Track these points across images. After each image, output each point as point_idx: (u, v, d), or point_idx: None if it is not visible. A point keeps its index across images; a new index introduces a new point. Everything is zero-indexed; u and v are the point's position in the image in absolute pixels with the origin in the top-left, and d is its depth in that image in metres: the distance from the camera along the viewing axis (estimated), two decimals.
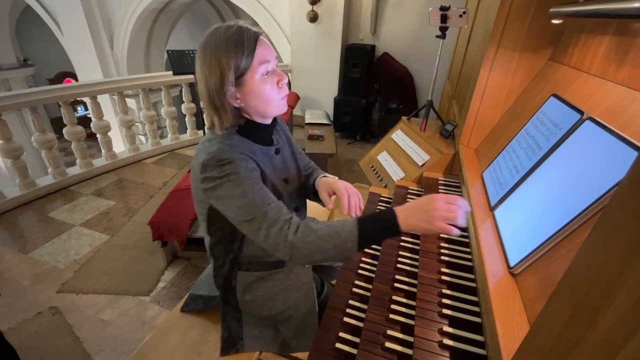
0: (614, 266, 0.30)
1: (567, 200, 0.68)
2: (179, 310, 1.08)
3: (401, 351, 0.77)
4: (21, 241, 2.41)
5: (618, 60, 0.81)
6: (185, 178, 2.62)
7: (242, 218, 0.75)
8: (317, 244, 0.72)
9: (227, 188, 0.74)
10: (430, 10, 1.65)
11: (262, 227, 0.74)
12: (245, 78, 0.76)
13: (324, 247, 0.72)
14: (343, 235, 0.71)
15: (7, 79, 7.20)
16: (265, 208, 0.74)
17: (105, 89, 3.32)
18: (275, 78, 0.80)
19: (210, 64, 0.74)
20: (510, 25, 1.21)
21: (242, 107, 0.80)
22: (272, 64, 0.78)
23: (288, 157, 0.97)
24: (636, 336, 0.26)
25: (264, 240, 0.74)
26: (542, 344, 0.41)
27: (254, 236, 0.76)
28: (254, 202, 0.74)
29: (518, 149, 1.00)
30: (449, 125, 1.68)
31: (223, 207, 0.77)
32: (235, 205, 0.75)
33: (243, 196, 0.74)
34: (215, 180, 0.74)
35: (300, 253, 0.72)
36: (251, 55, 0.74)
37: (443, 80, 3.38)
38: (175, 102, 3.95)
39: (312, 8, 4.08)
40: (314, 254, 0.73)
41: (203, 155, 0.77)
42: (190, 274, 2.14)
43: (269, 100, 0.80)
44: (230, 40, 0.73)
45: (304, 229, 0.73)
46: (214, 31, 0.76)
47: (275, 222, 0.74)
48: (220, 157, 0.75)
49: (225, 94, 0.75)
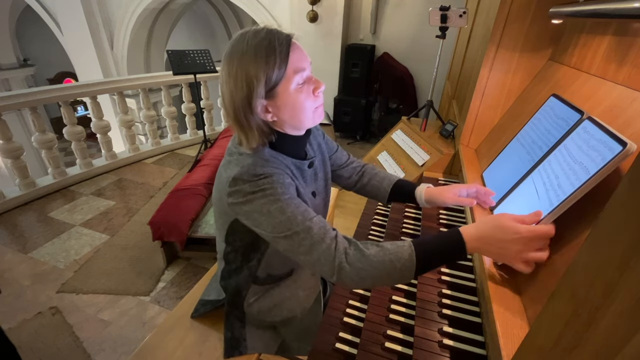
0: (614, 266, 0.30)
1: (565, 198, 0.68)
2: (179, 310, 1.08)
3: (401, 351, 0.77)
4: (21, 241, 2.41)
5: (618, 60, 0.81)
6: (185, 178, 2.62)
7: (280, 234, 0.67)
8: (368, 272, 0.65)
9: (262, 204, 0.67)
10: (430, 10, 1.65)
11: (303, 244, 0.66)
12: (278, 90, 0.67)
13: (377, 275, 0.65)
14: (399, 264, 0.64)
15: (7, 79, 7.20)
16: (308, 223, 0.67)
17: (105, 89, 3.32)
18: (312, 86, 0.71)
19: (236, 77, 0.65)
20: (510, 25, 1.21)
21: (274, 121, 0.72)
22: (307, 72, 0.70)
23: (319, 167, 0.91)
24: (636, 336, 0.26)
25: (305, 256, 0.67)
26: (542, 344, 0.41)
27: (292, 252, 0.68)
28: (294, 217, 0.66)
29: (518, 149, 1.00)
30: (449, 125, 1.68)
31: (255, 222, 0.70)
32: (272, 221, 0.67)
33: (281, 212, 0.66)
34: (247, 195, 0.67)
35: (348, 277, 0.65)
36: (284, 63, 0.65)
37: (443, 80, 3.39)
38: (175, 102, 3.95)
39: (312, 8, 4.08)
40: (365, 281, 0.66)
41: (235, 168, 0.69)
42: (190, 274, 2.14)
43: (304, 111, 0.71)
44: (260, 48, 0.64)
45: (355, 253, 0.66)
46: (240, 38, 0.67)
47: (322, 240, 0.66)
48: (256, 172, 0.68)
49: (253, 110, 0.67)
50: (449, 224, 1.12)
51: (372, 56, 4.29)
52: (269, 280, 0.93)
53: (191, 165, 3.25)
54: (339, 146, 1.07)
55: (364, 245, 0.68)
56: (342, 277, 0.65)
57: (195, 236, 2.11)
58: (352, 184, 1.06)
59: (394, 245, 0.67)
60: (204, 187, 2.46)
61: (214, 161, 2.87)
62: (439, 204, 0.93)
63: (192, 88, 3.63)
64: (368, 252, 0.66)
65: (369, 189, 1.04)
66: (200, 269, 2.19)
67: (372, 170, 1.05)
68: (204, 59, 3.22)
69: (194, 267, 2.20)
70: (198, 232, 2.12)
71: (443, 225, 1.11)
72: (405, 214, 1.26)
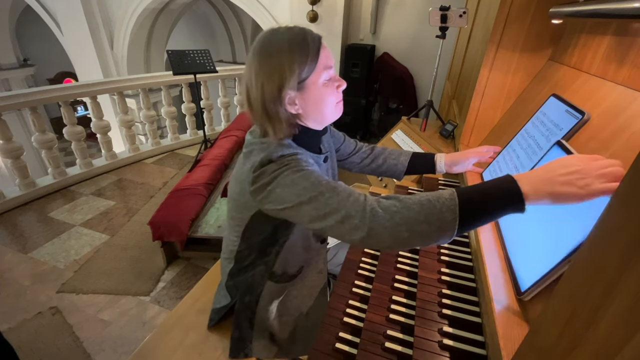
0: (614, 266, 0.30)
1: None
2: (178, 310, 1.08)
3: (401, 351, 0.77)
4: (21, 241, 2.41)
5: (618, 60, 0.81)
6: (185, 178, 2.62)
7: (305, 199, 0.64)
8: (403, 214, 0.58)
9: (286, 175, 0.67)
10: (430, 10, 1.65)
11: (330, 203, 0.63)
12: (308, 83, 0.71)
13: (414, 218, 0.57)
14: (438, 204, 0.57)
15: (7, 79, 7.19)
16: (333, 184, 0.66)
17: (105, 89, 3.32)
18: (335, 83, 0.76)
19: (269, 69, 0.67)
20: (510, 25, 1.21)
21: (299, 113, 0.74)
22: (333, 70, 0.75)
23: (330, 163, 0.95)
24: (636, 336, 0.26)
25: (334, 216, 0.62)
26: (542, 344, 0.41)
27: (319, 217, 0.64)
28: (318, 182, 0.65)
29: (518, 149, 1.00)
30: (449, 125, 1.68)
31: (280, 199, 0.68)
32: (296, 189, 0.65)
33: (304, 178, 0.66)
34: (273, 173, 0.68)
35: (382, 225, 0.59)
36: (315, 59, 0.69)
37: (443, 80, 3.38)
38: (175, 102, 3.95)
39: (312, 8, 4.08)
40: (400, 227, 0.58)
41: (259, 154, 0.71)
42: (190, 274, 2.14)
43: (328, 105, 0.76)
44: (294, 42, 0.67)
45: (387, 198, 0.62)
46: (272, 33, 0.70)
47: (349, 195, 0.63)
48: (283, 153, 0.70)
49: (282, 100, 0.69)
50: None
51: (372, 56, 4.29)
52: (284, 278, 0.94)
53: (191, 165, 3.25)
54: (345, 135, 1.12)
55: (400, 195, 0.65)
56: (374, 224, 0.59)
57: (195, 236, 2.11)
58: (365, 166, 1.11)
59: (433, 192, 0.62)
60: (204, 187, 2.46)
61: (214, 161, 2.86)
62: (462, 163, 1.02)
63: (192, 88, 3.63)
64: (403, 196, 0.63)
65: (385, 168, 1.10)
66: (200, 269, 2.19)
67: (383, 150, 1.12)
68: (204, 59, 3.22)
69: (194, 267, 2.20)
70: (198, 232, 2.12)
71: None
72: None
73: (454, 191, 0.58)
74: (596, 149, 0.72)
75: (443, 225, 0.57)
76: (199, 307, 1.09)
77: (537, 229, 0.72)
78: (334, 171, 0.99)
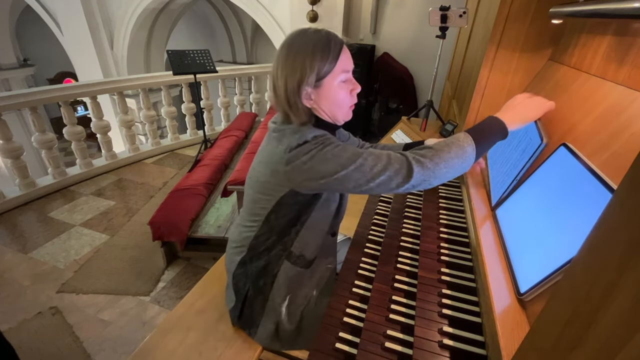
0: (614, 266, 0.30)
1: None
2: (178, 310, 1.08)
3: (401, 351, 0.77)
4: (21, 241, 2.41)
5: (618, 60, 0.81)
6: (185, 178, 2.62)
7: (350, 167, 0.74)
8: (440, 155, 0.75)
9: (326, 151, 0.75)
10: (430, 10, 1.65)
11: (377, 165, 0.74)
12: (325, 81, 0.78)
13: (447, 156, 0.75)
14: (459, 141, 0.77)
15: (7, 79, 7.19)
16: (371, 149, 0.78)
17: (105, 89, 3.32)
18: (351, 86, 0.83)
19: (293, 64, 0.76)
20: (510, 25, 1.21)
21: (313, 107, 0.82)
22: (350, 74, 0.82)
23: None
24: (636, 336, 0.26)
25: (382, 174, 0.74)
26: (542, 344, 0.41)
27: (366, 179, 0.75)
28: (357, 152, 0.75)
29: (516, 148, 1.00)
30: (449, 125, 1.68)
31: (320, 173, 0.75)
32: (339, 160, 0.74)
33: (344, 150, 0.75)
34: (310, 151, 0.75)
35: (425, 166, 0.74)
36: (335, 60, 0.77)
37: (443, 80, 3.38)
38: (175, 102, 3.95)
39: (312, 8, 4.08)
40: (439, 165, 0.75)
41: (292, 137, 0.78)
42: (190, 274, 2.14)
43: (341, 105, 0.83)
44: (318, 44, 0.75)
45: (418, 149, 0.78)
46: (302, 32, 0.78)
47: (388, 154, 0.76)
48: (315, 134, 0.77)
49: (300, 93, 0.77)
50: (449, 223, 1.12)
51: (372, 56, 4.29)
52: (301, 261, 0.94)
53: (191, 165, 3.25)
54: (350, 133, 1.16)
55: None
56: (420, 167, 0.74)
57: (195, 236, 2.11)
58: None
59: (444, 139, 0.81)
60: (204, 187, 2.46)
61: (214, 161, 2.86)
62: None
63: (192, 88, 3.63)
64: (430, 144, 0.79)
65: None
66: (200, 269, 2.19)
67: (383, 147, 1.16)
68: (204, 59, 3.22)
69: (194, 267, 2.20)
70: (198, 232, 2.12)
71: (443, 225, 1.11)
72: (405, 214, 1.26)
73: (467, 133, 0.79)
74: (596, 148, 0.72)
75: (467, 156, 0.77)
76: (198, 307, 1.09)
77: (537, 229, 0.72)
78: None
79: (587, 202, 0.62)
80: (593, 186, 0.62)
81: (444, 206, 1.22)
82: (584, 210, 0.62)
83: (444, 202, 1.24)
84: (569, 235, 0.62)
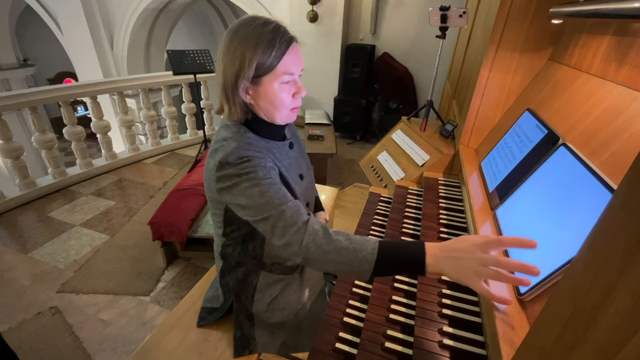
0: (614, 266, 0.30)
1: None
2: (178, 310, 1.08)
3: (401, 351, 0.77)
4: (21, 241, 2.41)
5: (618, 60, 0.81)
6: (185, 178, 2.62)
7: (258, 217, 0.71)
8: (331, 255, 0.68)
9: (246, 187, 0.71)
10: (430, 10, 1.65)
11: (277, 226, 0.70)
12: (264, 79, 0.73)
13: (338, 261, 0.68)
14: (360, 255, 0.66)
15: (7, 79, 7.18)
16: (283, 207, 0.71)
17: (105, 89, 3.32)
18: (294, 89, 0.77)
19: (233, 54, 0.70)
20: (510, 25, 1.21)
21: (251, 103, 0.77)
22: (295, 76, 0.76)
23: (298, 150, 0.95)
24: (636, 336, 0.26)
25: (278, 239, 0.71)
26: (542, 344, 0.41)
27: (269, 235, 0.72)
28: (271, 201, 0.70)
29: (514, 148, 1.00)
30: (449, 125, 1.68)
31: (240, 206, 0.74)
32: (253, 204, 0.71)
33: (260, 196, 0.70)
34: (233, 178, 0.71)
35: (313, 258, 0.69)
36: (277, 60, 0.71)
37: (443, 80, 3.38)
38: (175, 102, 3.95)
39: (312, 8, 4.08)
40: (327, 264, 0.70)
41: (220, 153, 0.73)
42: (190, 274, 2.14)
43: (280, 107, 0.77)
44: (262, 39, 0.69)
45: (324, 236, 0.70)
46: (249, 21, 0.72)
47: (294, 223, 0.70)
48: (240, 155, 0.72)
49: (238, 87, 0.73)
50: (449, 223, 1.12)
51: (372, 56, 4.29)
52: (277, 268, 0.94)
53: (191, 165, 3.25)
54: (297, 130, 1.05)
55: (334, 233, 0.71)
56: (308, 256, 0.69)
57: (195, 236, 2.10)
58: None
59: (362, 238, 0.70)
60: (204, 187, 2.46)
61: None
62: None
63: (192, 88, 3.63)
64: (336, 237, 0.70)
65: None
66: (200, 269, 2.19)
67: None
68: (204, 59, 3.22)
69: (194, 267, 2.20)
70: (198, 232, 2.12)
71: (443, 225, 1.11)
72: (405, 214, 1.26)
73: (376, 248, 0.67)
74: (596, 148, 0.72)
75: (360, 272, 0.67)
76: (198, 307, 1.08)
77: (537, 229, 0.72)
78: (303, 154, 0.98)
79: (587, 202, 0.62)
80: (593, 186, 0.62)
81: (444, 206, 1.22)
82: (584, 211, 0.62)
83: (444, 202, 1.24)
84: (569, 235, 0.62)
